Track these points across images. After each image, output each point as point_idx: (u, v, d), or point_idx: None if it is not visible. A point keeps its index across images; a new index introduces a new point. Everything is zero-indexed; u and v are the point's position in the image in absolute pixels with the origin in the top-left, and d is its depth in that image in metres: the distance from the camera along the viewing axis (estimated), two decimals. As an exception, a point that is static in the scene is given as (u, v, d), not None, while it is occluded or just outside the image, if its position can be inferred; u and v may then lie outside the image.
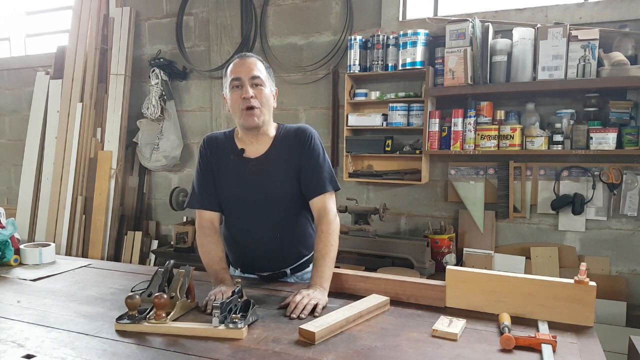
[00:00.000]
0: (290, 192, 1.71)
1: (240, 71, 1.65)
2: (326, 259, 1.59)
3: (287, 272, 1.81)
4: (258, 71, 1.65)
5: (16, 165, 4.49)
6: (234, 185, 1.74)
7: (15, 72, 4.52)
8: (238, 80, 1.64)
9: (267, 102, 1.67)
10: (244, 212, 1.75)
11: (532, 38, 2.69)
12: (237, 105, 1.65)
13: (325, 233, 1.63)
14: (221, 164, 1.76)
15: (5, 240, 2.03)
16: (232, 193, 1.75)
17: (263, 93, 1.66)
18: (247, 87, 1.62)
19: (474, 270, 1.49)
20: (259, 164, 1.72)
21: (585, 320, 1.34)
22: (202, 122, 3.87)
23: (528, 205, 2.94)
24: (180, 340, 1.27)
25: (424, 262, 2.78)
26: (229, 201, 1.77)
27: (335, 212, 1.69)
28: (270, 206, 1.71)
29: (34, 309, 1.53)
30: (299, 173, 1.70)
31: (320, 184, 1.68)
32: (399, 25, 3.15)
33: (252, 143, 1.74)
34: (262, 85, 1.66)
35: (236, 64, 1.67)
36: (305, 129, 1.74)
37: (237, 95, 1.64)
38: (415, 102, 3.04)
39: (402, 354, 1.18)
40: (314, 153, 1.70)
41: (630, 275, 2.80)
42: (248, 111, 1.63)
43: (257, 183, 1.71)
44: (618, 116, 2.64)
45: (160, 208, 4.08)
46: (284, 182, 1.71)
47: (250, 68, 1.65)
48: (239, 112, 1.65)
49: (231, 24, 3.59)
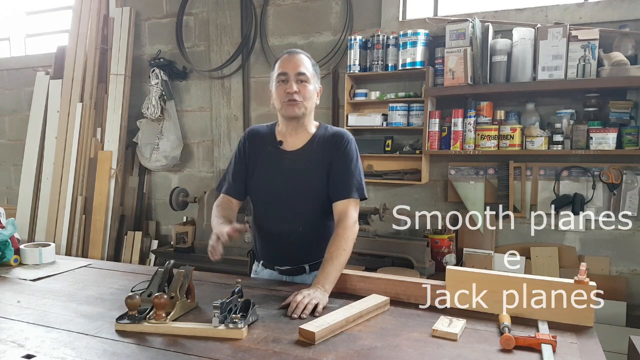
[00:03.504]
0: (318, 190, 1.73)
1: (287, 67, 1.70)
2: (335, 261, 1.59)
3: (306, 269, 1.81)
4: (304, 68, 1.70)
5: (16, 165, 4.49)
6: (267, 174, 1.78)
7: (15, 72, 4.52)
8: (284, 75, 1.69)
9: (309, 97, 1.72)
10: (272, 202, 1.78)
11: (532, 38, 2.69)
12: (281, 98, 1.70)
13: (340, 236, 1.63)
14: (258, 154, 1.81)
15: (5, 240, 2.03)
16: (263, 181, 1.78)
17: (307, 89, 1.71)
18: (292, 83, 1.68)
19: (474, 270, 1.49)
20: (294, 157, 1.75)
21: (585, 320, 1.34)
22: (202, 122, 3.87)
23: (528, 205, 2.94)
24: (180, 340, 1.26)
25: (424, 262, 2.78)
26: (259, 189, 1.80)
27: (355, 219, 1.69)
28: (297, 199, 1.73)
29: (34, 309, 1.53)
30: (329, 174, 1.72)
31: (346, 188, 1.70)
32: (399, 25, 3.15)
33: (290, 135, 1.77)
34: (307, 82, 1.71)
35: (284, 60, 1.72)
36: (344, 133, 1.78)
37: (281, 89, 1.70)
38: (415, 102, 3.04)
39: (402, 354, 1.18)
40: (347, 158, 1.73)
41: (630, 275, 2.80)
42: (290, 102, 1.69)
43: (289, 175, 1.74)
44: (618, 116, 2.64)
45: (160, 208, 4.08)
46: (314, 179, 1.73)
47: (297, 64, 1.70)
48: (280, 104, 1.71)
49: (231, 24, 3.59)
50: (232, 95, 3.67)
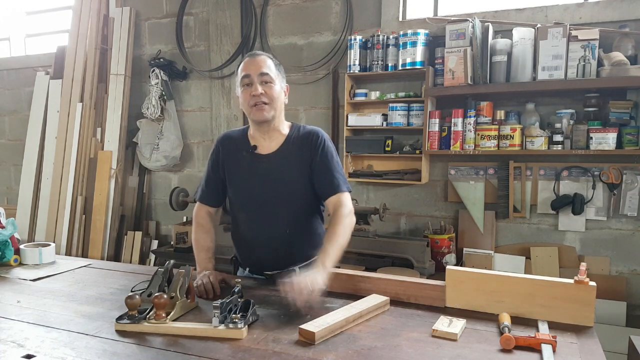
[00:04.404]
0: (300, 191, 1.73)
1: (249, 69, 1.69)
2: (333, 241, 1.58)
3: (297, 271, 1.77)
4: (267, 68, 1.70)
5: (16, 165, 4.49)
6: (244, 180, 1.77)
7: (15, 72, 4.52)
8: (247, 77, 1.69)
9: (276, 98, 1.71)
10: (253, 208, 1.77)
11: (532, 38, 2.69)
12: (247, 102, 1.70)
13: (335, 223, 1.63)
14: (233, 161, 1.80)
15: (5, 240, 2.03)
16: (242, 188, 1.78)
17: (273, 89, 1.70)
18: (257, 85, 1.67)
19: (474, 270, 1.49)
20: (270, 160, 1.74)
21: (585, 320, 1.34)
22: (202, 122, 3.87)
23: (528, 205, 2.94)
24: (180, 340, 1.26)
25: (424, 262, 2.78)
26: (239, 196, 1.80)
27: (350, 208, 1.69)
28: (279, 203, 1.73)
29: (34, 309, 1.53)
30: (311, 173, 1.73)
31: (335, 184, 1.71)
32: (399, 25, 3.15)
33: (264, 139, 1.77)
34: (271, 82, 1.70)
35: (246, 62, 1.72)
36: (317, 131, 1.79)
37: (247, 92, 1.70)
38: (415, 102, 3.04)
39: (402, 354, 1.18)
40: (327, 155, 1.73)
41: (630, 275, 2.79)
42: (257, 107, 1.69)
43: (267, 179, 1.73)
44: (618, 116, 2.63)
45: (160, 208, 4.08)
46: (294, 180, 1.73)
47: (260, 65, 1.69)
48: (249, 108, 1.71)
49: (231, 24, 3.59)
50: (232, 95, 3.67)
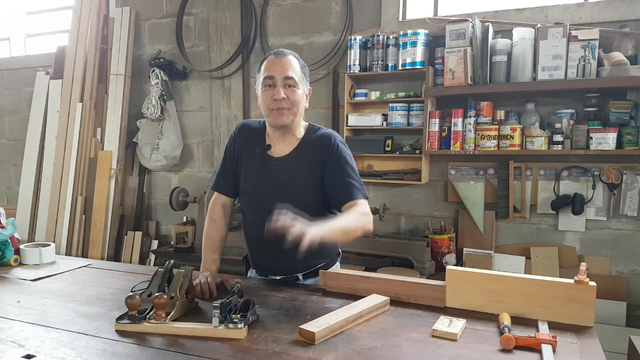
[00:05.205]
0: (309, 196, 1.66)
1: (274, 70, 1.61)
2: (340, 220, 1.50)
3: (300, 278, 1.76)
4: (292, 71, 1.61)
5: (16, 165, 4.49)
6: (253, 180, 1.72)
7: (15, 72, 4.52)
8: (271, 79, 1.60)
9: (298, 102, 1.63)
10: (259, 210, 1.70)
11: (532, 38, 2.69)
12: (267, 104, 1.62)
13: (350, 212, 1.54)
14: (247, 153, 1.74)
15: (5, 240, 2.03)
16: (251, 186, 1.73)
17: (295, 94, 1.61)
18: (279, 88, 1.59)
19: (474, 270, 1.49)
20: (281, 163, 1.68)
21: (585, 320, 1.34)
22: (202, 122, 3.87)
23: (528, 205, 2.94)
24: (180, 340, 1.26)
25: (424, 262, 2.78)
26: (247, 194, 1.75)
27: (368, 212, 1.59)
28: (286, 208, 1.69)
29: (34, 309, 1.52)
30: (322, 179, 1.65)
31: (349, 190, 1.61)
32: (399, 25, 3.15)
33: (278, 141, 1.70)
34: (295, 87, 1.61)
35: (270, 61, 1.63)
36: (330, 134, 1.69)
37: (268, 94, 1.61)
38: (415, 102, 3.04)
39: (402, 354, 1.18)
40: (340, 160, 1.64)
41: (630, 275, 2.79)
42: (278, 111, 1.60)
43: (277, 182, 1.67)
44: (618, 116, 2.64)
45: (160, 208, 4.08)
46: (303, 185, 1.66)
47: (285, 67, 1.60)
48: (268, 111, 1.63)
49: (231, 24, 3.59)
50: (232, 96, 3.67)
